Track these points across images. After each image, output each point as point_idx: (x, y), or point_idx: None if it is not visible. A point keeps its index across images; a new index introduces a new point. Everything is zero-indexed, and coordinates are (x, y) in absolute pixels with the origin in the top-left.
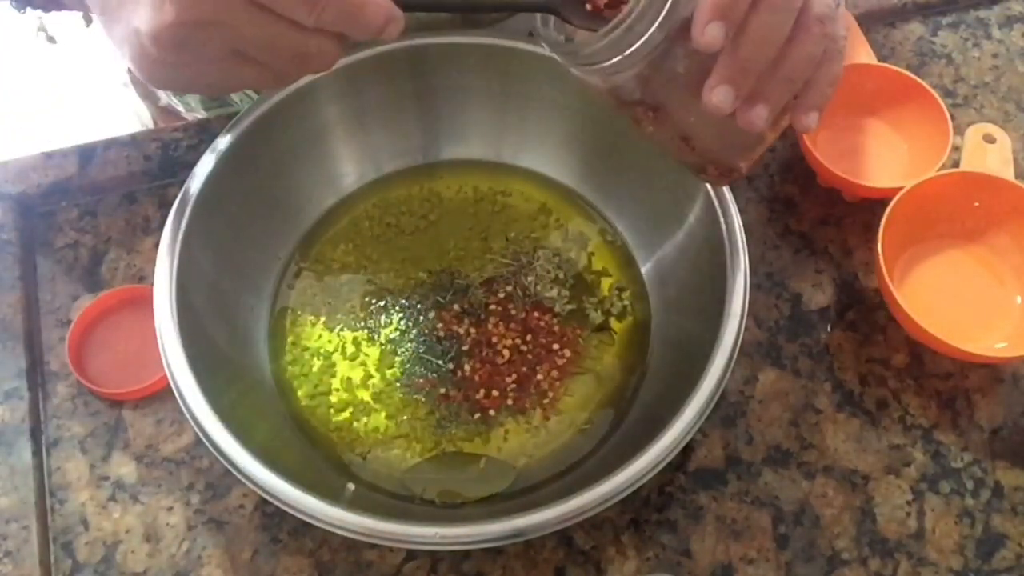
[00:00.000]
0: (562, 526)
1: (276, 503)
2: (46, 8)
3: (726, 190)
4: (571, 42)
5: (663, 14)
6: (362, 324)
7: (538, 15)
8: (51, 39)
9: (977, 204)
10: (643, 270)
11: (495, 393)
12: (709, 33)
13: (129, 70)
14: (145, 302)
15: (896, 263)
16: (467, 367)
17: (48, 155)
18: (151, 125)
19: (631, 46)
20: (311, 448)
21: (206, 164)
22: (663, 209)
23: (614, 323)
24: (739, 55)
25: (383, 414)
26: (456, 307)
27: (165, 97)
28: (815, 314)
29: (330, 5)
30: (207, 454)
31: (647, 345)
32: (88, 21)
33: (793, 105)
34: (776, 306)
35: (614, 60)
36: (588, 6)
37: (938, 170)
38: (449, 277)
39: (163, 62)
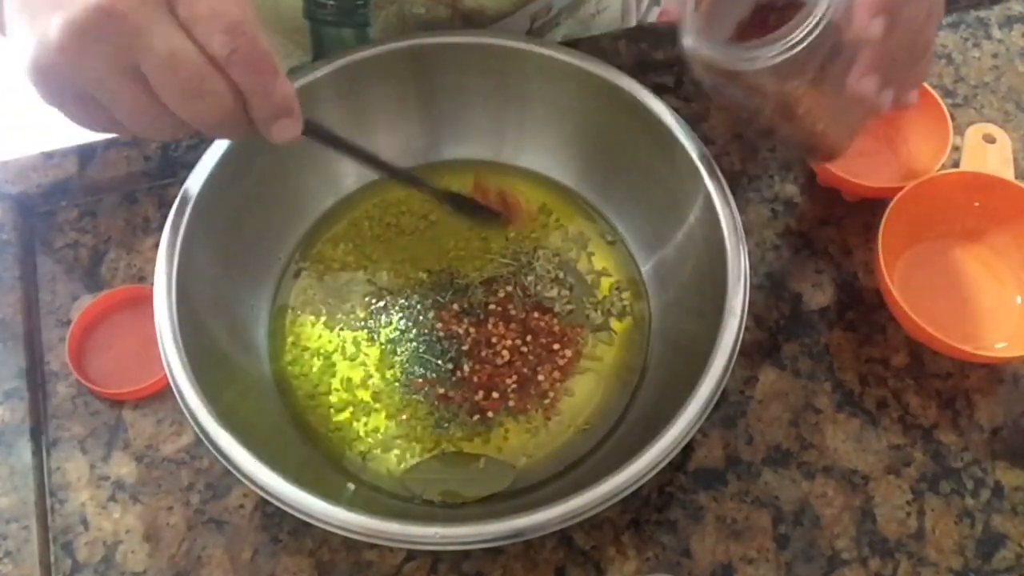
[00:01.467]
0: (562, 526)
1: (276, 503)
2: None
3: (726, 190)
4: (736, 49)
5: (829, 11)
6: (362, 324)
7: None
8: None
9: (977, 204)
10: (643, 270)
11: (495, 395)
12: (875, 25)
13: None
14: (145, 302)
15: (896, 263)
16: (466, 367)
17: (48, 155)
18: None
19: (800, 44)
20: (311, 448)
21: (206, 164)
22: (663, 209)
23: (614, 323)
24: (889, 45)
25: (383, 414)
26: (456, 307)
27: None
28: (815, 314)
29: (245, 46)
30: (207, 454)
31: (647, 345)
32: None
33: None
34: (776, 306)
35: (781, 58)
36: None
37: (938, 170)
38: (449, 277)
39: (59, 63)
